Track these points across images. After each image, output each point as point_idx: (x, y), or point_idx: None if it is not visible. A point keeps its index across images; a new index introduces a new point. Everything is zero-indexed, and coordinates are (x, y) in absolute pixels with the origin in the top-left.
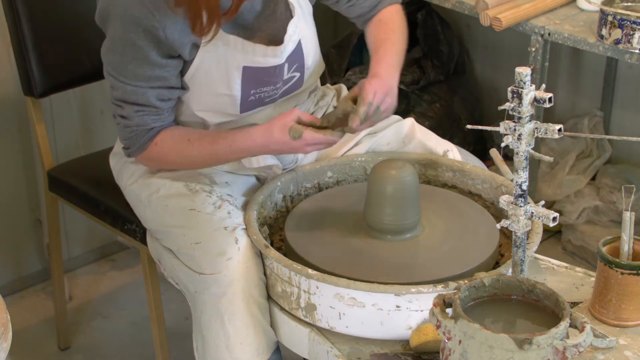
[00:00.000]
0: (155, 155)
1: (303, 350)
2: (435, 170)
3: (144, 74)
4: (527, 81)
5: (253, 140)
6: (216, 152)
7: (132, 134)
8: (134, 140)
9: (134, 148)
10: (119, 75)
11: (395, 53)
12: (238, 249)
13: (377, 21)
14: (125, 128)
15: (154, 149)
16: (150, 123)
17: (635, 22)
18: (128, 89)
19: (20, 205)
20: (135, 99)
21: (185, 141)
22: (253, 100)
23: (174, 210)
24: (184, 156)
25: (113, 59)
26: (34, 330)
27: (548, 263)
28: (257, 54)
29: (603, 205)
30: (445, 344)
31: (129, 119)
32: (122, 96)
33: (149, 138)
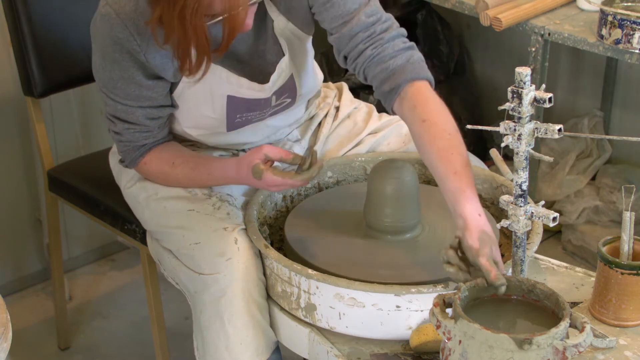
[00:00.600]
0: (145, 172)
1: (303, 350)
2: None
3: (132, 93)
4: (527, 81)
5: (226, 173)
6: (196, 179)
7: (125, 148)
8: (127, 154)
9: (127, 162)
10: (109, 92)
11: (466, 165)
12: (238, 249)
13: (420, 121)
14: (119, 142)
15: (143, 167)
16: (141, 140)
17: (635, 22)
18: (118, 107)
19: (20, 205)
20: (125, 117)
21: (170, 164)
22: (240, 122)
23: (173, 211)
24: (169, 179)
25: (103, 75)
26: (34, 330)
27: (548, 263)
28: (242, 87)
29: (603, 205)
30: (445, 344)
31: (121, 134)
32: (113, 113)
33: (139, 154)
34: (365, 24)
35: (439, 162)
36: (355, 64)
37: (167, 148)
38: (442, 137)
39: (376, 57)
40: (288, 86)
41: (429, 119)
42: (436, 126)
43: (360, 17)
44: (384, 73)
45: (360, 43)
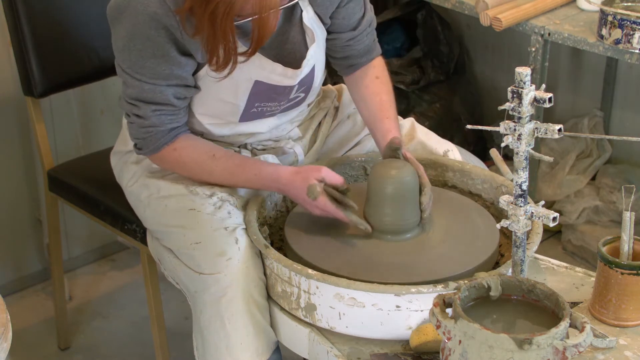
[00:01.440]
0: (172, 159)
1: (303, 350)
2: (435, 170)
3: (163, 72)
4: (527, 81)
5: (278, 178)
6: (239, 175)
7: (148, 134)
8: (149, 140)
9: (148, 149)
10: (134, 72)
11: (397, 119)
12: (238, 249)
13: (373, 78)
14: (140, 128)
15: (172, 153)
16: (167, 123)
17: (635, 22)
18: (145, 87)
19: (20, 205)
20: (153, 97)
21: (210, 155)
22: (254, 112)
23: (174, 211)
24: (204, 169)
25: (129, 56)
26: (34, 330)
27: (548, 263)
28: (274, 72)
29: (603, 205)
30: (445, 344)
31: (145, 118)
32: (138, 94)
33: (166, 141)
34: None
35: (377, 107)
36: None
37: (200, 139)
38: (387, 93)
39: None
40: (309, 77)
41: (381, 76)
42: (384, 84)
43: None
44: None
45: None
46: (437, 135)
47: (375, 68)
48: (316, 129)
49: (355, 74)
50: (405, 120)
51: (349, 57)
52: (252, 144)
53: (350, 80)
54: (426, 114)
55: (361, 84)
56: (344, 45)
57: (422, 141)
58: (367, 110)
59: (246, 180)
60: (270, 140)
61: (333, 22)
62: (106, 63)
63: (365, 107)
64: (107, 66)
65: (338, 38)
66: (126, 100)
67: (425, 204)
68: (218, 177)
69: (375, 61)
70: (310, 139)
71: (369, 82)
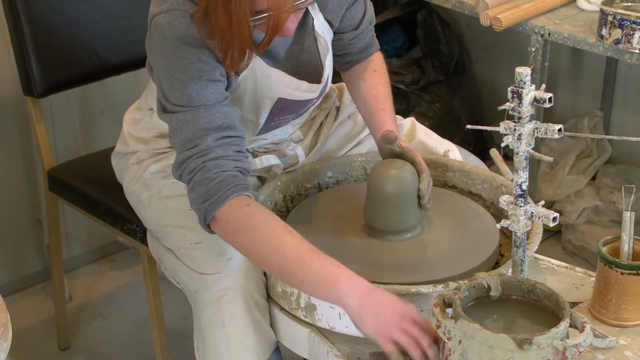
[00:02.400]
0: (243, 214)
1: (303, 350)
2: (435, 170)
3: (221, 93)
4: (527, 81)
5: (359, 279)
6: (308, 259)
7: (216, 176)
8: (218, 185)
9: (218, 195)
10: (191, 102)
11: (392, 110)
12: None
13: (371, 71)
14: (206, 174)
15: (244, 207)
16: (233, 157)
17: (635, 22)
18: (201, 114)
19: (20, 205)
20: (209, 121)
21: (287, 229)
22: (272, 126)
23: (174, 211)
24: (275, 239)
25: (187, 87)
26: (34, 330)
27: (548, 263)
28: (300, 89)
29: (603, 205)
30: (445, 344)
31: (208, 151)
32: (195, 128)
33: (237, 189)
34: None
35: (374, 99)
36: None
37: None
38: (384, 85)
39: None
40: (326, 86)
41: (379, 70)
42: (382, 77)
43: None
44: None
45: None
46: (437, 135)
47: (373, 62)
48: (317, 130)
49: (354, 69)
50: (406, 120)
51: (348, 54)
52: (254, 147)
53: (348, 75)
54: (426, 114)
55: (358, 77)
56: (346, 45)
57: (423, 141)
58: (364, 103)
59: (316, 266)
60: (272, 143)
61: (339, 24)
62: (106, 63)
63: (361, 100)
64: (107, 66)
65: (341, 38)
66: (183, 150)
67: (424, 190)
68: (286, 252)
69: (374, 56)
70: (312, 140)
71: (366, 75)
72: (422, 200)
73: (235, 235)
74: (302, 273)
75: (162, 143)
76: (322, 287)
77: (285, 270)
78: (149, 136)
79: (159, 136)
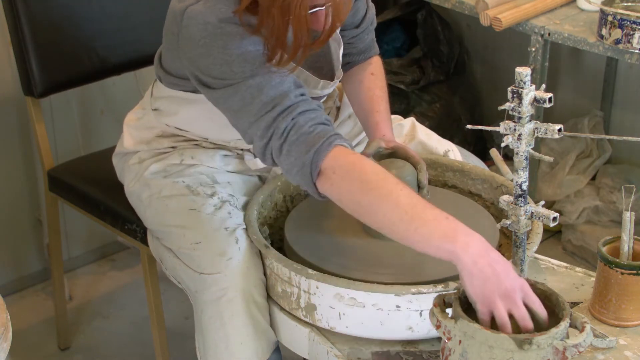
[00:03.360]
0: (349, 161)
1: (303, 350)
2: (436, 170)
3: (263, 61)
4: (527, 81)
5: (476, 234)
6: (423, 210)
7: (310, 122)
8: (317, 135)
9: (321, 143)
10: (250, 72)
11: (387, 111)
12: (238, 249)
13: (369, 74)
14: (300, 130)
15: (349, 155)
16: (318, 109)
17: (635, 22)
18: (267, 81)
19: (20, 205)
20: (283, 88)
21: (394, 179)
22: None
23: (174, 210)
24: (387, 187)
25: (247, 57)
26: (34, 330)
27: (548, 263)
28: (318, 87)
29: (603, 205)
30: (445, 344)
31: (294, 106)
32: (269, 92)
33: (335, 138)
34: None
35: (369, 101)
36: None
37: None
38: (381, 88)
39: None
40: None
41: (376, 73)
42: (379, 80)
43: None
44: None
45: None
46: (437, 135)
47: (371, 65)
48: None
49: (351, 71)
50: (406, 120)
51: (347, 54)
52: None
53: (346, 77)
54: (426, 114)
55: (356, 79)
56: (346, 43)
57: (423, 141)
58: (359, 105)
59: (431, 218)
60: None
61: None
62: (106, 63)
63: (357, 102)
64: (107, 66)
65: (342, 36)
66: (261, 110)
67: (424, 180)
68: (399, 200)
69: (372, 59)
70: None
71: (364, 78)
72: (422, 192)
73: (344, 183)
74: (415, 222)
75: (164, 142)
76: (435, 239)
77: (396, 219)
78: (151, 136)
79: (161, 136)
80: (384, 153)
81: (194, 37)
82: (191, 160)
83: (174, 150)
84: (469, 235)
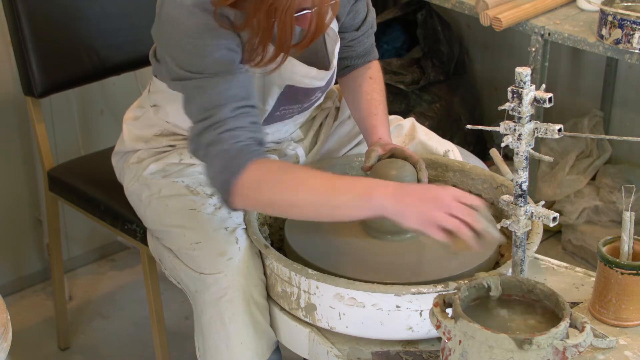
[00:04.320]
0: (257, 176)
1: (303, 350)
2: (435, 170)
3: (237, 61)
4: (527, 81)
5: (387, 181)
6: (338, 183)
7: (231, 146)
8: (233, 155)
9: (235, 164)
10: (205, 70)
11: (385, 114)
12: (238, 249)
13: (367, 78)
14: (236, 143)
15: (260, 167)
16: (248, 127)
17: (635, 22)
18: (221, 81)
19: (20, 205)
20: (246, 93)
21: (303, 167)
22: (277, 116)
23: (174, 210)
24: (298, 179)
25: (196, 55)
26: (34, 330)
27: (548, 263)
28: (308, 76)
29: (603, 205)
30: (445, 344)
31: (223, 122)
32: (213, 96)
33: (250, 151)
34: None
35: (367, 105)
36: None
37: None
38: (379, 92)
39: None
40: (332, 78)
41: (375, 77)
42: (377, 84)
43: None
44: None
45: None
46: (437, 135)
47: (370, 69)
48: (317, 130)
49: (350, 75)
50: (406, 120)
51: (347, 58)
52: None
53: (345, 80)
54: (426, 114)
55: (354, 83)
56: (345, 46)
57: (423, 141)
58: (357, 108)
59: (347, 187)
60: (272, 142)
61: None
62: (106, 63)
63: (355, 105)
64: (107, 66)
65: (342, 38)
66: (198, 120)
67: (424, 179)
68: (313, 185)
69: (371, 63)
70: (312, 140)
71: (362, 82)
72: None
73: (257, 196)
74: (336, 198)
75: (163, 141)
76: (358, 203)
77: (317, 202)
78: (150, 134)
79: (160, 134)
80: (382, 157)
81: (167, 16)
82: (190, 159)
83: (173, 150)
84: (381, 185)
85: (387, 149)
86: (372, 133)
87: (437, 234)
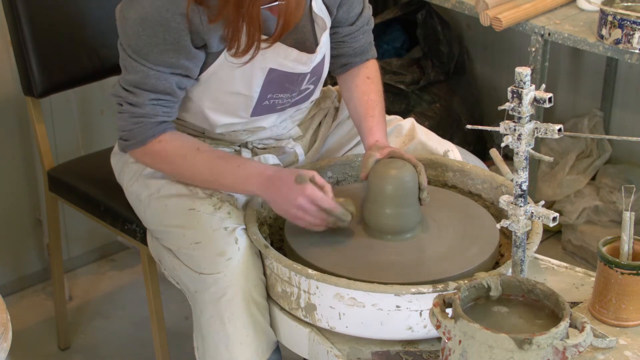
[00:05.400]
0: (155, 151)
1: (303, 350)
2: (435, 170)
3: (170, 59)
4: (527, 81)
5: (264, 170)
6: (220, 170)
7: (137, 125)
8: (138, 132)
9: (134, 140)
10: (140, 57)
11: (382, 116)
12: (238, 249)
13: (365, 78)
14: (132, 118)
15: (156, 145)
16: (160, 115)
17: (635, 22)
18: (150, 73)
19: (20, 205)
20: (155, 85)
21: (194, 148)
22: (266, 105)
23: (173, 210)
24: (187, 163)
25: (138, 41)
26: (34, 330)
27: (548, 263)
28: (289, 58)
29: (603, 205)
30: (445, 344)
31: (139, 106)
32: (140, 80)
33: (154, 133)
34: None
35: (364, 106)
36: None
37: (187, 135)
38: (376, 93)
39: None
40: (319, 66)
41: (372, 77)
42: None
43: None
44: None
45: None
46: (437, 135)
47: (368, 69)
48: (316, 129)
49: (348, 73)
50: (406, 120)
51: (343, 55)
52: (253, 143)
53: (342, 79)
54: (426, 114)
55: (352, 83)
56: (340, 41)
57: (423, 141)
58: (354, 109)
59: (227, 175)
60: (271, 139)
61: (334, 15)
62: (106, 63)
63: (352, 106)
64: (107, 66)
65: (336, 32)
66: (123, 86)
67: (424, 183)
68: (198, 173)
69: (369, 62)
70: (311, 139)
71: (359, 81)
72: (422, 194)
73: (150, 164)
74: (219, 182)
75: None
76: (238, 188)
77: (203, 182)
78: None
79: None
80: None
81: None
82: None
83: None
84: (256, 175)
85: (384, 152)
86: (369, 135)
87: (298, 223)
